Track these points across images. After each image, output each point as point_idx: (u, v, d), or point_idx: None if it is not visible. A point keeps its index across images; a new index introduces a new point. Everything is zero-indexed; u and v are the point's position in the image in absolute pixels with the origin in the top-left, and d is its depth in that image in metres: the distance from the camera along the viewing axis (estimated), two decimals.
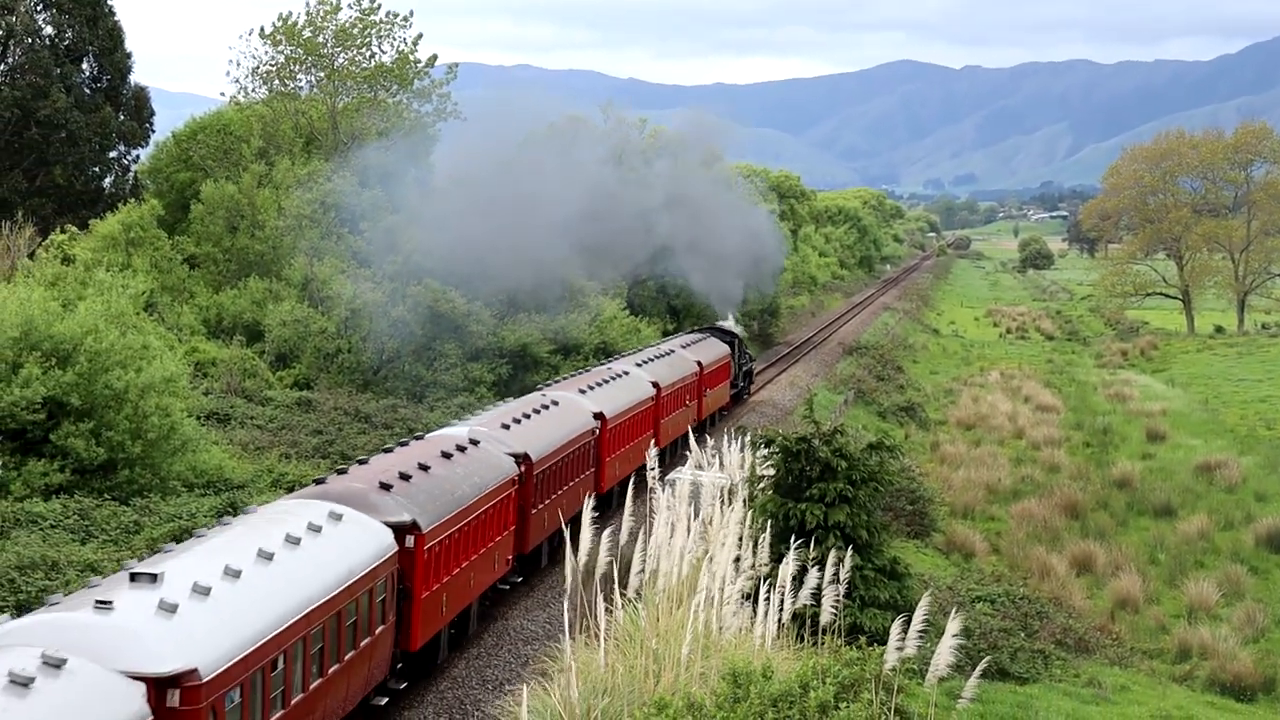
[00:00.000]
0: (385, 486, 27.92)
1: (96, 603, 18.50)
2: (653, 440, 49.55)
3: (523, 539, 36.27)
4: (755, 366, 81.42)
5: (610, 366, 53.23)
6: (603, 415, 44.86)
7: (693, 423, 59.19)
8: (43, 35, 72.80)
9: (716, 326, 73.68)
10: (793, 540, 27.30)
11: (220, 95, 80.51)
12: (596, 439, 43.98)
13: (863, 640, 23.79)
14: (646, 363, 55.40)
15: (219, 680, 18.85)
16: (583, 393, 45.61)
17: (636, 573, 24.72)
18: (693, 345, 64.29)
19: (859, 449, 31.71)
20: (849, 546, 28.51)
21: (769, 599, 23.98)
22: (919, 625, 20.12)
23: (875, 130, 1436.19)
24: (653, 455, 29.82)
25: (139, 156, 78.14)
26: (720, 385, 66.24)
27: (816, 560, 26.37)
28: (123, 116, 75.06)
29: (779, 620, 24.46)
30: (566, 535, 24.35)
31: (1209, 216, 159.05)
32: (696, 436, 58.60)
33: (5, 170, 71.32)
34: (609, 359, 59.71)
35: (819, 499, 30.60)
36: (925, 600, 20.85)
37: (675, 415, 56.22)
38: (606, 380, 48.81)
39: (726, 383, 68.10)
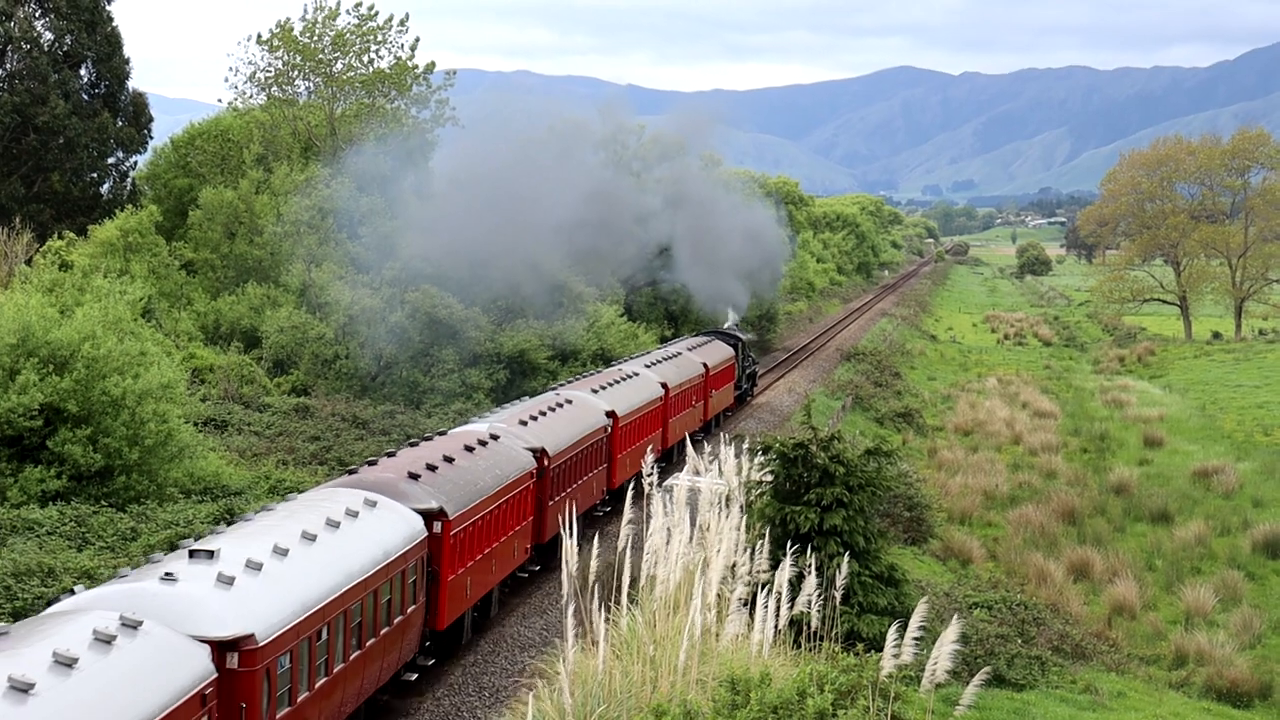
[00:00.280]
0: (414, 476, 29.54)
1: (163, 575, 20.33)
2: (661, 438, 53.47)
3: (540, 529, 37.74)
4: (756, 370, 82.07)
5: (621, 368, 54.89)
6: (614, 414, 46.47)
7: (699, 423, 61.29)
8: (41, 41, 72.72)
9: (722, 330, 75.09)
10: (790, 546, 27.29)
11: (218, 101, 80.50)
12: (609, 436, 45.67)
13: (860, 647, 23.78)
14: (655, 364, 57.04)
15: (273, 645, 20.67)
16: (595, 392, 47.24)
17: (634, 578, 24.72)
18: (699, 348, 65.70)
19: (856, 455, 31.72)
20: (847, 552, 28.52)
21: (766, 605, 23.97)
22: (915, 631, 20.11)
23: (874, 136, 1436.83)
24: (649, 462, 29.83)
25: (137, 163, 78.09)
26: (725, 387, 67.63)
27: (815, 566, 26.37)
28: (121, 122, 75.02)
29: (776, 626, 24.45)
30: (567, 542, 24.33)
31: (1206, 222, 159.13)
32: (702, 437, 61.48)
33: (3, 176, 71.28)
34: (619, 361, 61.04)
35: (816, 504, 30.62)
36: (922, 606, 20.83)
37: (683, 415, 57.78)
38: (618, 380, 50.48)
39: (731, 384, 69.50)
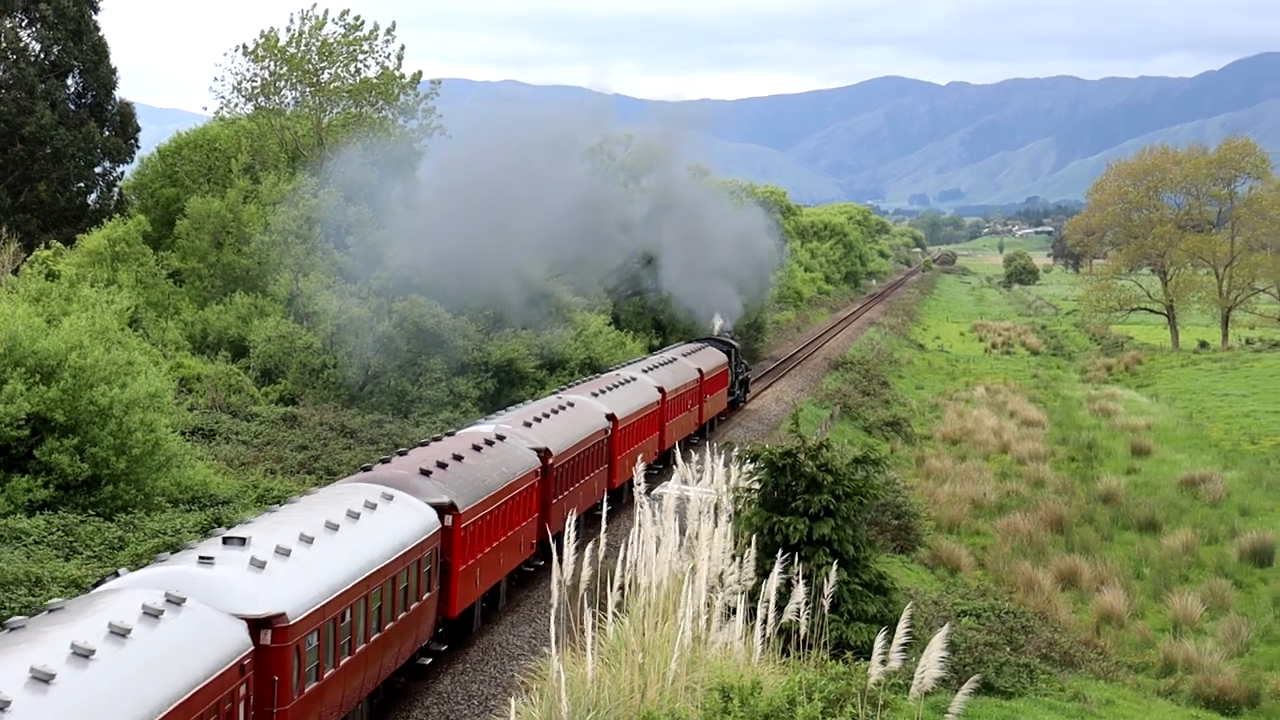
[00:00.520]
0: (426, 473, 31.26)
1: (200, 558, 22.07)
2: (659, 441, 55.25)
3: (544, 526, 38.93)
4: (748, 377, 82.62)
5: (619, 372, 56.40)
6: (614, 416, 48.02)
7: (695, 427, 63.09)
8: (27, 51, 72.57)
9: (716, 337, 76.53)
10: (779, 555, 27.29)
11: (205, 110, 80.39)
12: (609, 438, 47.15)
13: (849, 655, 23.79)
14: (652, 369, 58.59)
15: (302, 624, 22.32)
16: (595, 396, 48.78)
17: (623, 586, 24.73)
18: (694, 354, 67.24)
19: (844, 463, 31.73)
20: (835, 560, 28.52)
21: (755, 613, 23.98)
22: (901, 638, 20.13)
23: (862, 146, 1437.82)
24: (640, 470, 29.91)
25: (124, 172, 77.92)
26: (719, 392, 69.09)
27: (803, 574, 26.38)
28: (108, 132, 74.89)
29: (764, 634, 24.45)
30: (560, 551, 24.34)
31: (1193, 232, 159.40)
32: (697, 440, 62.96)
33: None
34: (618, 366, 62.38)
35: (804, 512, 30.61)
36: (907, 614, 20.84)
37: (679, 419, 59.37)
38: (617, 385, 52.06)
39: (725, 390, 70.97)
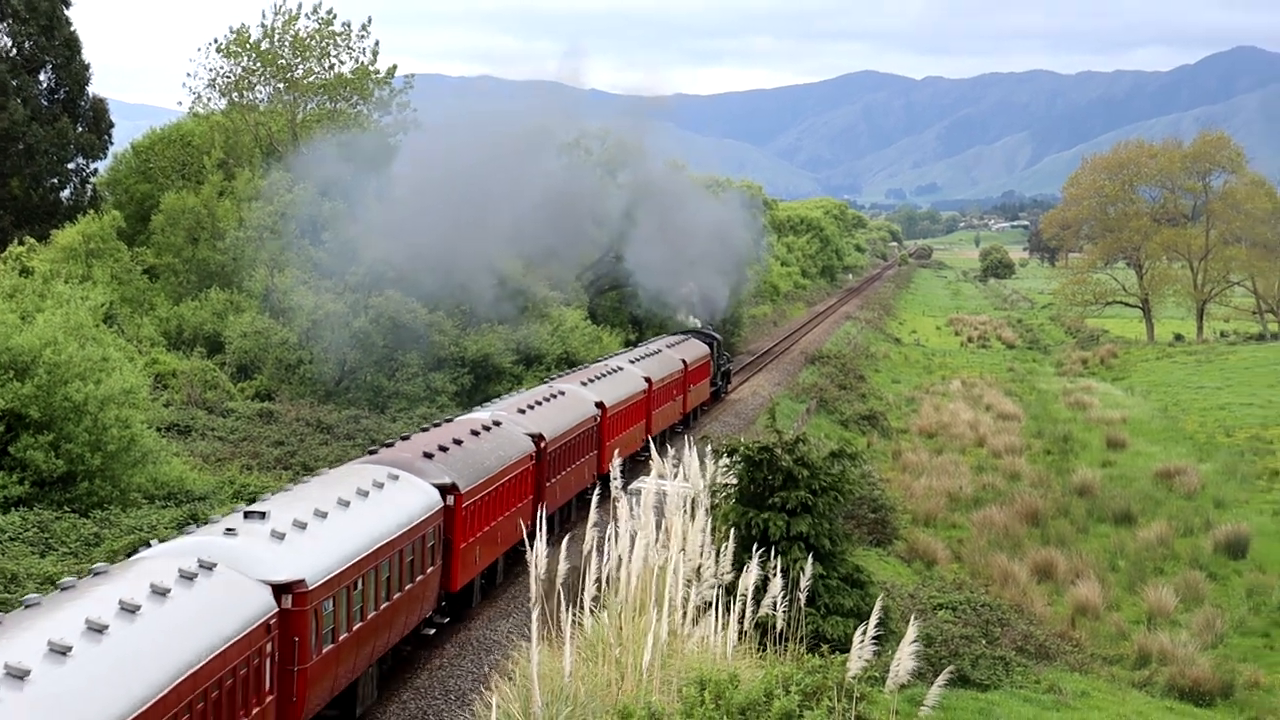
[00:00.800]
0: (428, 455, 33.13)
1: (225, 530, 24.13)
2: (645, 429, 56.80)
3: (539, 507, 39.15)
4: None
5: (607, 363, 58.22)
6: (603, 404, 49.64)
7: (679, 415, 65.03)
8: None
9: (699, 330, 78.38)
10: (755, 549, 27.32)
11: (179, 105, 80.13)
12: (599, 425, 48.87)
13: (825, 648, 23.84)
14: (639, 360, 60.45)
15: (319, 590, 24.17)
16: (585, 385, 50.45)
17: (596, 580, 24.76)
18: (677, 345, 69.40)
19: (821, 458, 31.79)
20: (811, 555, 28.56)
21: (732, 607, 24.02)
22: (874, 631, 20.19)
23: (837, 140, 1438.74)
24: (616, 465, 29.99)
25: (97, 168, 77.61)
26: (702, 382, 70.94)
27: (780, 569, 26.41)
28: (81, 128, 74.57)
29: (741, 628, 24.49)
30: (538, 547, 24.35)
31: (1168, 225, 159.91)
32: (682, 429, 64.76)
33: None
34: (606, 356, 64.24)
35: (781, 508, 30.66)
36: (879, 606, 20.90)
37: (665, 408, 61.14)
38: (605, 374, 53.79)
39: (707, 380, 72.79)
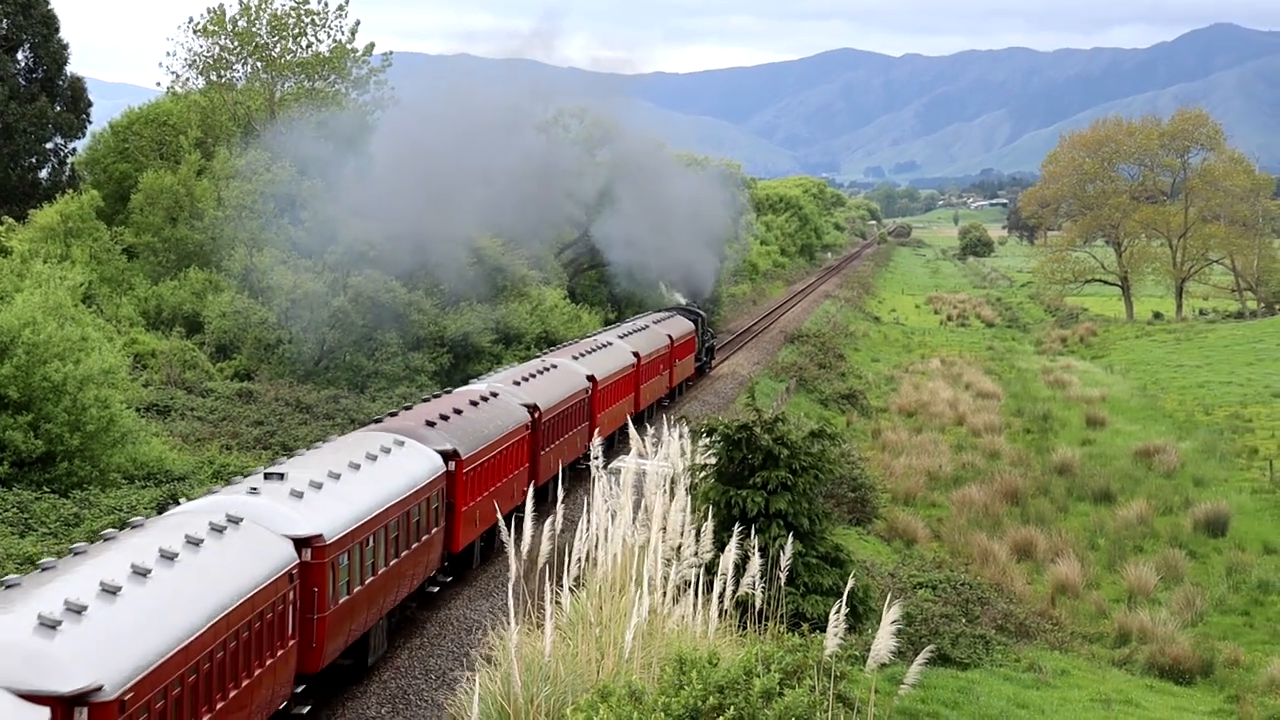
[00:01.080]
0: (430, 424, 35.08)
1: (248, 489, 26.34)
2: (634, 402, 59.15)
3: (535, 475, 42.64)
4: None
5: (597, 338, 60.37)
6: (594, 378, 51.71)
7: (666, 389, 67.37)
8: None
9: (684, 307, 79.87)
10: (735, 528, 27.35)
11: (157, 85, 79.82)
12: (590, 397, 50.82)
13: (805, 627, 23.87)
14: (627, 335, 62.31)
15: (335, 545, 26.26)
16: (576, 359, 52.44)
17: (576, 560, 24.79)
18: (663, 321, 71.13)
19: (800, 437, 31.79)
20: (791, 534, 28.59)
21: (712, 586, 24.04)
22: (846, 607, 20.24)
23: (816, 118, 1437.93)
24: (597, 444, 29.95)
25: (76, 148, 77.32)
26: (687, 358, 72.89)
27: (760, 547, 26.44)
28: (59, 107, 74.20)
29: (721, 607, 24.52)
30: (526, 522, 24.34)
31: (1147, 203, 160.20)
32: (668, 402, 67.00)
33: None
34: (595, 332, 66.34)
35: (761, 486, 30.68)
36: (850, 584, 20.94)
37: (652, 382, 63.52)
38: (595, 349, 55.92)
39: (692, 355, 74.63)
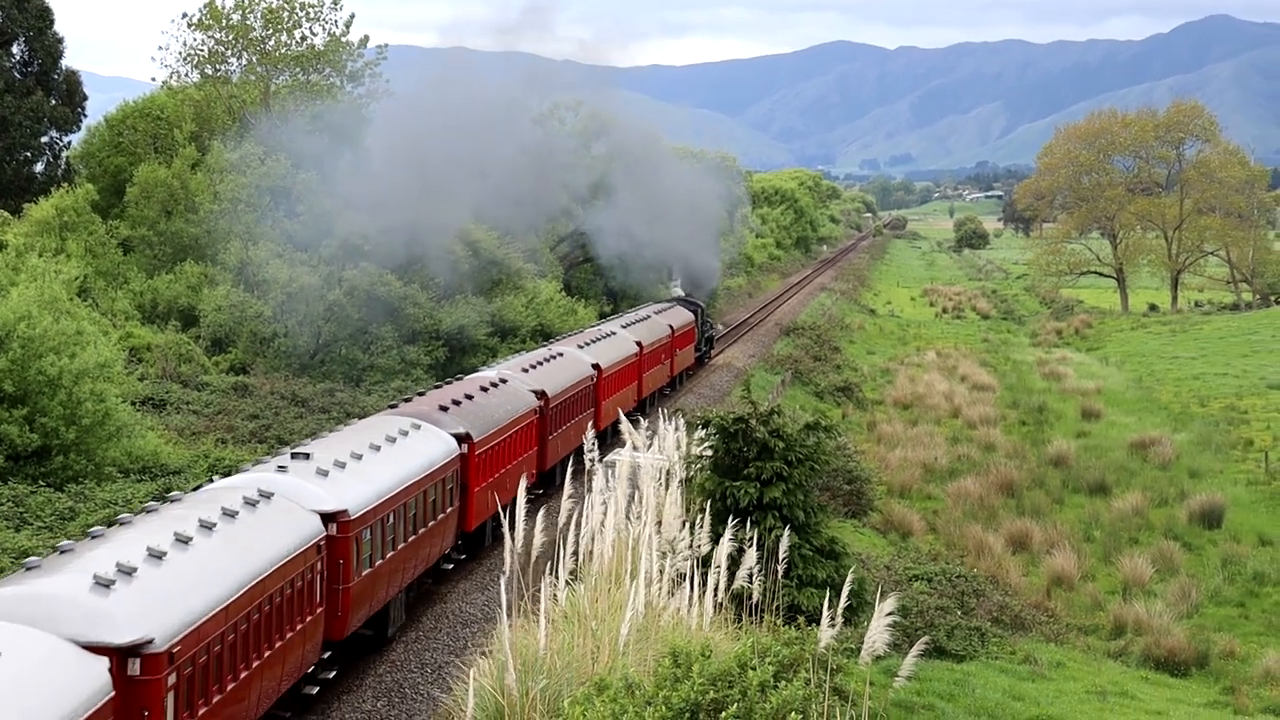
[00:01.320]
0: (444, 408, 36.48)
1: (278, 467, 27.87)
2: (637, 390, 60.66)
3: (543, 458, 44.35)
4: None
5: (601, 328, 61.92)
6: (599, 366, 53.18)
7: (667, 378, 68.91)
8: None
9: (684, 298, 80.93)
10: (730, 520, 27.36)
11: (152, 80, 79.77)
12: (594, 385, 52.25)
13: (801, 620, 23.90)
14: (630, 325, 63.74)
15: (359, 520, 27.73)
16: (581, 348, 53.93)
17: (571, 553, 24.82)
18: (664, 312, 72.62)
19: (796, 429, 31.79)
20: (786, 526, 28.61)
21: (707, 578, 24.05)
22: (845, 602, 20.25)
23: (811, 111, 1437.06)
24: (591, 439, 30.01)
25: (71, 142, 77.24)
26: (687, 348, 74.18)
27: (755, 540, 26.46)
28: (54, 101, 74.15)
29: (716, 600, 24.53)
30: (508, 520, 24.36)
31: (1142, 195, 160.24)
32: (669, 391, 68.52)
33: None
34: (599, 322, 67.52)
35: (755, 478, 30.69)
36: (850, 579, 20.96)
37: (654, 370, 65.12)
38: (600, 338, 57.41)
39: (692, 346, 75.87)
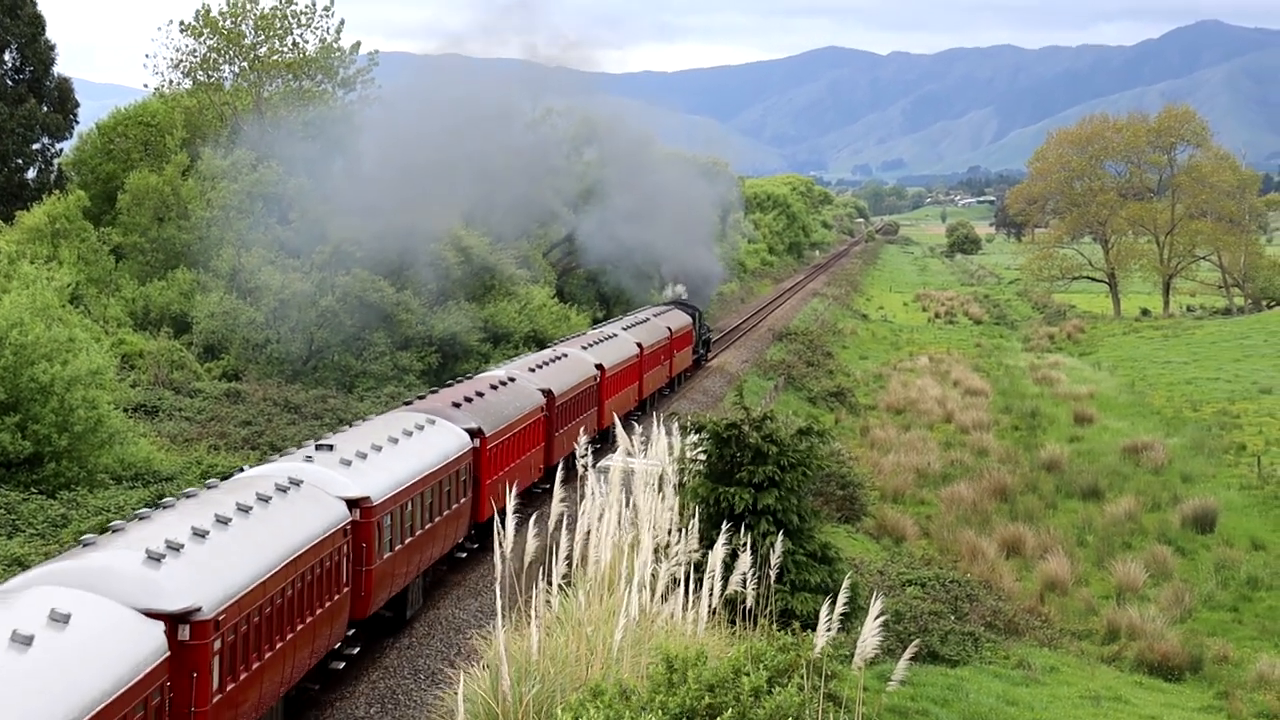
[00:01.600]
0: (456, 405, 38.17)
1: (304, 457, 29.59)
2: (637, 390, 62.29)
3: (550, 454, 45.92)
4: None
5: (602, 330, 64.16)
6: (602, 366, 54.83)
7: (666, 379, 70.49)
8: None
9: (682, 301, 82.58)
10: (724, 525, 27.31)
11: (144, 86, 79.81)
12: (598, 384, 53.80)
13: (795, 625, 23.86)
14: (630, 327, 65.49)
15: (380, 507, 29.34)
16: (584, 349, 55.68)
17: (565, 559, 24.78)
18: (663, 315, 74.29)
19: (789, 434, 31.77)
20: (780, 531, 28.59)
21: (701, 584, 24.01)
22: (842, 608, 20.22)
23: (803, 116, 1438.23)
24: (583, 443, 29.93)
25: (63, 149, 77.16)
26: (685, 350, 75.73)
27: (749, 545, 26.42)
28: (46, 108, 74.07)
29: (710, 605, 24.50)
30: (500, 522, 24.31)
31: (1134, 200, 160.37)
32: (668, 392, 70.17)
33: None
34: (601, 324, 69.38)
35: (749, 483, 30.67)
36: (847, 583, 20.92)
37: (654, 371, 66.97)
38: (602, 340, 59.28)
39: (690, 348, 77.42)
